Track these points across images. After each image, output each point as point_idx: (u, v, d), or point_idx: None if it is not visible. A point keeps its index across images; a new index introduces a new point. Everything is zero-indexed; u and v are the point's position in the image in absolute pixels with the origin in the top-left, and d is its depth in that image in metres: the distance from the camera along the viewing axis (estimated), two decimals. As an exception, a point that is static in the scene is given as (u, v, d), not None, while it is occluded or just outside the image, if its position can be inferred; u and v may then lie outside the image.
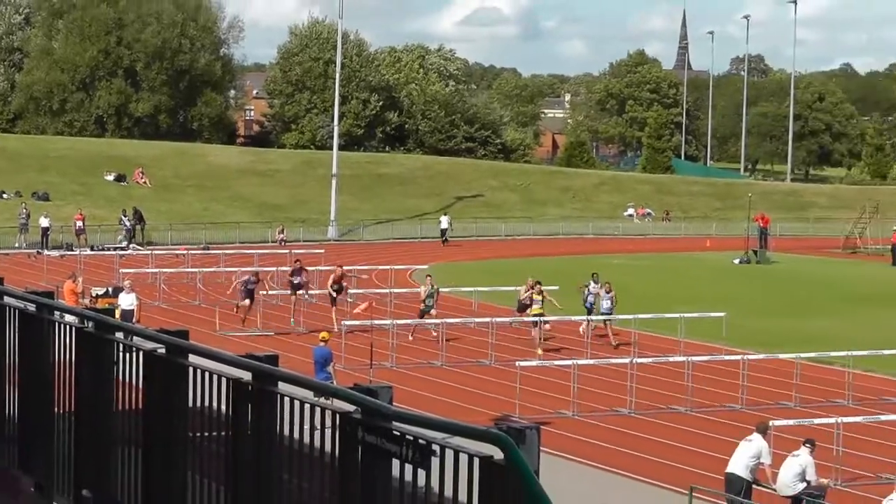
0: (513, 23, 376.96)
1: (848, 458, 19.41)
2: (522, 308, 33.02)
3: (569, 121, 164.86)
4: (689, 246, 68.80)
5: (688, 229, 78.96)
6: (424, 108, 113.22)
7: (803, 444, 16.80)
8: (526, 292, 32.47)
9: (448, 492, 3.59)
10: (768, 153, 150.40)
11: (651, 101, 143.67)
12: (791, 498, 16.68)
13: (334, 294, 33.73)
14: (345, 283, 34.53)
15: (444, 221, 68.10)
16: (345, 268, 37.22)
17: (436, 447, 3.67)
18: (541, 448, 3.69)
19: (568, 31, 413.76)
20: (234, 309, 34.07)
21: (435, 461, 3.64)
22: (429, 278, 35.68)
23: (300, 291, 34.80)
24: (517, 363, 25.33)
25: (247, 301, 33.06)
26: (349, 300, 34.77)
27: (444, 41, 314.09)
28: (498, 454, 3.25)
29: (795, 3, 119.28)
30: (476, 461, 3.48)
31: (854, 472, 19.33)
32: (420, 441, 3.72)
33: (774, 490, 16.81)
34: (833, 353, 27.78)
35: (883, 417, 22.52)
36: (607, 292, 32.82)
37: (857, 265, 63.41)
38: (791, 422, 20.47)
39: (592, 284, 34.03)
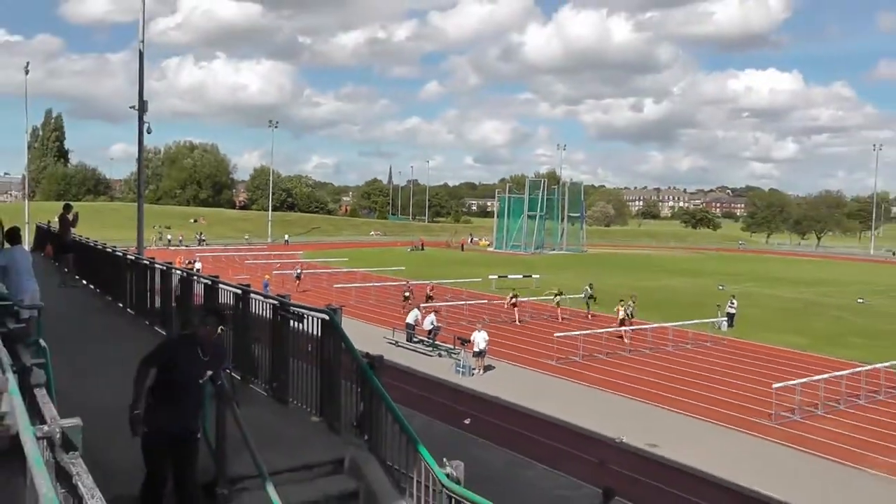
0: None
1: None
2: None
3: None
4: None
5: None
6: None
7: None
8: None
9: (312, 332, 9.86)
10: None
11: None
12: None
13: None
14: None
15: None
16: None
17: (306, 314, 10.13)
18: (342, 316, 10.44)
19: None
20: None
21: (307, 320, 9.97)
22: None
23: None
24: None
25: None
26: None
27: None
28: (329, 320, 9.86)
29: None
30: (319, 320, 9.88)
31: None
32: (301, 312, 10.20)
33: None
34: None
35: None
36: None
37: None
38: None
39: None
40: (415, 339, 31.22)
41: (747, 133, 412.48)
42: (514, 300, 38.27)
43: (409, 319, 32.30)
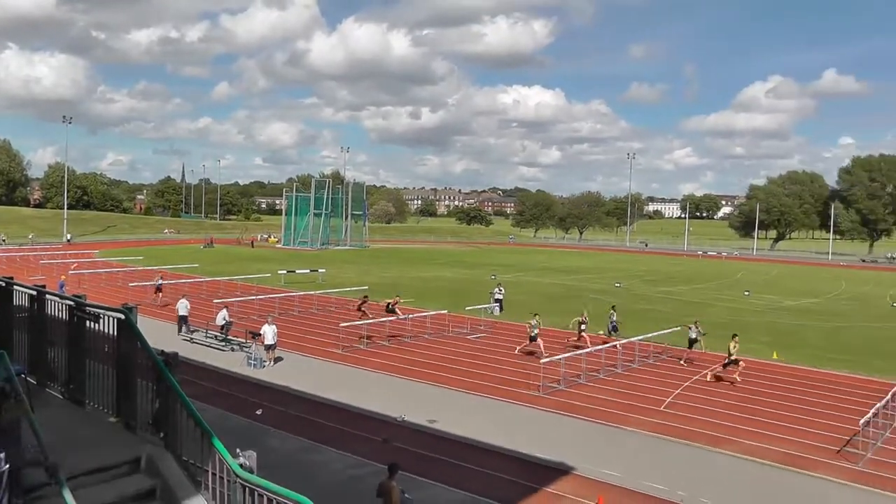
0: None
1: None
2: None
3: None
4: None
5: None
6: None
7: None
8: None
9: (108, 332, 9.46)
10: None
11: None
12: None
13: None
14: None
15: None
16: None
17: (102, 314, 9.64)
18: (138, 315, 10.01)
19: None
20: None
21: (103, 320, 9.40)
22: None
23: None
24: None
25: None
26: None
27: None
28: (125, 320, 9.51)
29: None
30: (116, 320, 9.52)
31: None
32: (97, 312, 9.64)
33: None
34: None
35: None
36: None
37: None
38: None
39: None
40: (185, 332, 30.38)
41: (516, 141, 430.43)
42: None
43: (181, 311, 31.36)
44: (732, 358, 25.72)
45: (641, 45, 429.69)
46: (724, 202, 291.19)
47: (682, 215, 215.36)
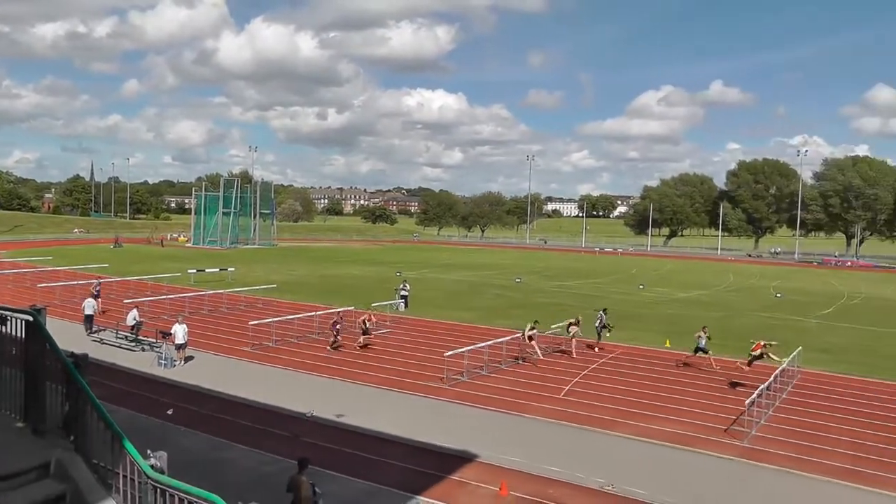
0: None
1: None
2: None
3: None
4: None
5: None
6: None
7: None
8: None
9: (17, 334, 9.10)
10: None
11: None
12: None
13: None
14: None
15: None
16: None
17: (9, 316, 9.05)
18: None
19: None
20: None
21: (10, 322, 8.97)
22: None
23: None
24: None
25: None
26: None
27: None
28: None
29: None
30: (23, 322, 8.97)
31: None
32: (3, 314, 8.93)
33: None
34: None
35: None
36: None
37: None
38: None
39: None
40: (94, 330, 29.71)
41: (420, 142, 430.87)
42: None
43: (87, 311, 30.60)
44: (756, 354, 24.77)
45: (540, 53, 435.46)
46: (619, 202, 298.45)
47: (580, 214, 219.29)
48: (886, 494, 15.51)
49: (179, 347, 25.43)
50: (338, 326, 29.13)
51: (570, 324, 29.50)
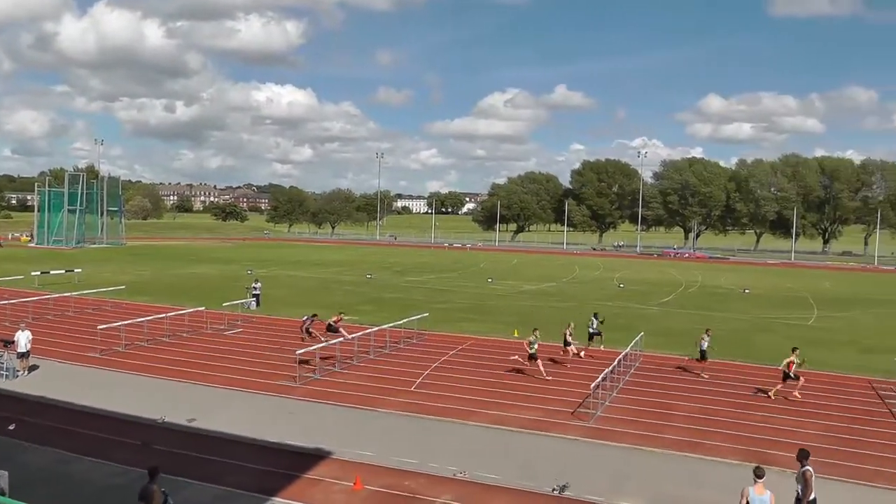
0: None
1: None
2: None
3: None
4: None
5: None
6: None
7: None
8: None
9: None
10: None
11: None
12: None
13: None
14: None
15: None
16: None
17: None
18: None
19: None
20: None
21: None
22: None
23: None
24: None
25: None
26: None
27: None
28: None
29: None
30: None
31: None
32: None
33: None
34: None
35: None
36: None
37: None
38: None
39: None
40: None
41: (270, 138, 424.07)
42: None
43: None
44: (791, 373, 22.98)
45: (388, 51, 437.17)
46: (468, 199, 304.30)
47: (429, 211, 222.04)
48: (725, 462, 16.73)
49: (22, 356, 24.04)
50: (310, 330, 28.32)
51: (566, 334, 27.96)
